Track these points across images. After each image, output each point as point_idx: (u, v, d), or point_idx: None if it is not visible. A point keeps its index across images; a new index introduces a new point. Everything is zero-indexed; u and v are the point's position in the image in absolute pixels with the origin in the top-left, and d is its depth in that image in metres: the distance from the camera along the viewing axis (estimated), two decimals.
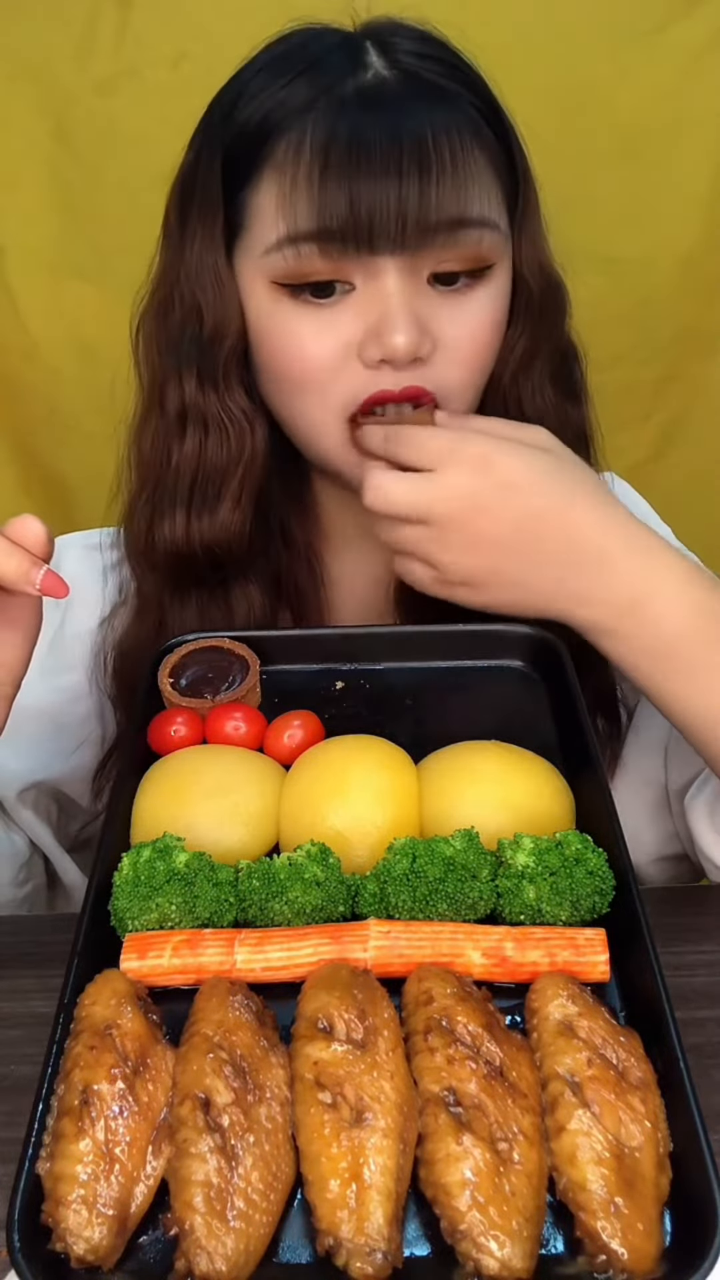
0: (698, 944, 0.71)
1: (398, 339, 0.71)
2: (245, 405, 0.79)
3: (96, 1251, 0.45)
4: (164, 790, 0.66)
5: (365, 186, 0.68)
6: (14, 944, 0.74)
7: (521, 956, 0.56)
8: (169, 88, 1.09)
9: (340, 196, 0.68)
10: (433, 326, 0.73)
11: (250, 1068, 0.50)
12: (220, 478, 0.80)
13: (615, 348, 1.22)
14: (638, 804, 0.90)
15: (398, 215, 0.68)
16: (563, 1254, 0.46)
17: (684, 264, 1.21)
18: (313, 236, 0.70)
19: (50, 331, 1.24)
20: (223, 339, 0.77)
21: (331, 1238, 0.44)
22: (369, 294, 0.72)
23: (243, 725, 0.71)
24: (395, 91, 0.70)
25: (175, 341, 0.79)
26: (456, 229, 0.70)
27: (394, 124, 0.68)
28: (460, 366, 0.75)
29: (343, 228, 0.69)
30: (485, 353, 0.77)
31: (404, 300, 0.71)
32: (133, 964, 0.56)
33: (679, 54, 1.11)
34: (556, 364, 0.83)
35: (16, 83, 1.12)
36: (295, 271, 0.72)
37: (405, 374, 0.73)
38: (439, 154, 0.68)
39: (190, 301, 0.77)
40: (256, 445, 0.80)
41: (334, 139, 0.68)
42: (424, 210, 0.69)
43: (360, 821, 0.63)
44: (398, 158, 0.68)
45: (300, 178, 0.69)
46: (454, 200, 0.69)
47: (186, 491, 0.81)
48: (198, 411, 0.79)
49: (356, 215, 0.68)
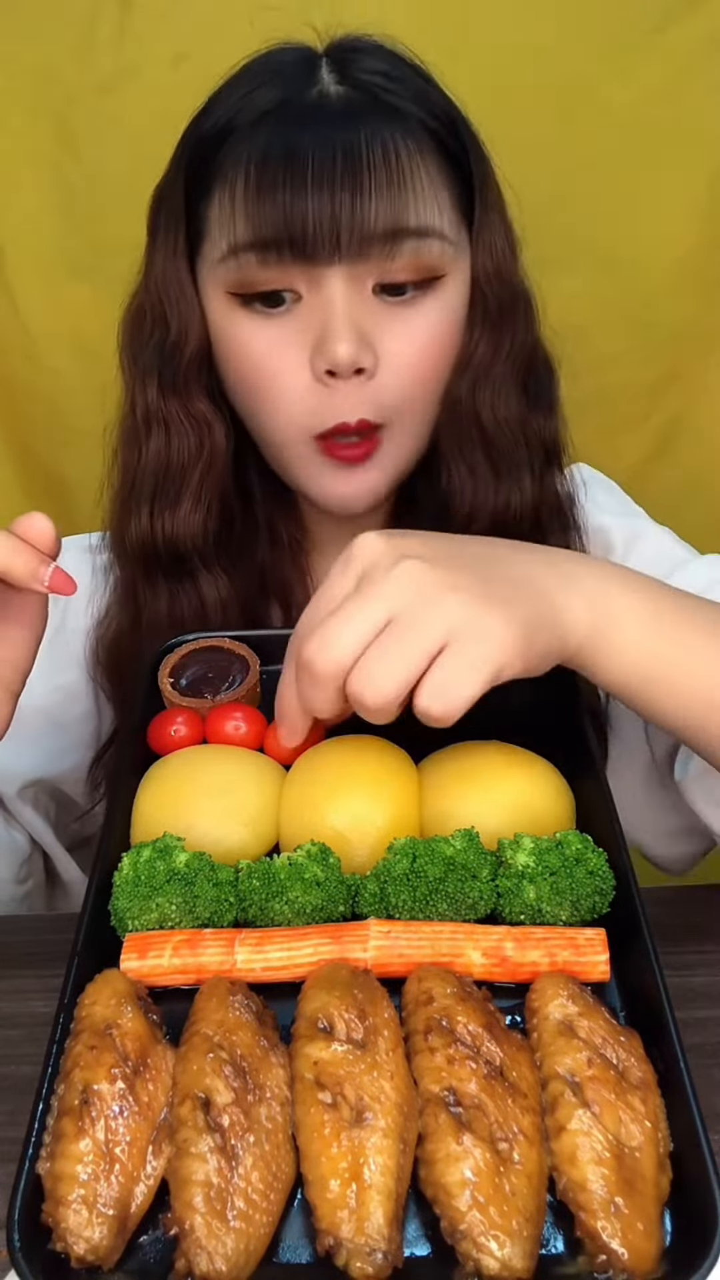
0: (698, 944, 0.71)
1: (339, 348, 0.72)
2: (206, 410, 0.81)
3: (97, 1251, 0.45)
4: (164, 790, 0.66)
5: (298, 197, 0.69)
6: (14, 944, 0.74)
7: (521, 956, 0.56)
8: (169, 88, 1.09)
9: (273, 208, 0.70)
10: (377, 338, 0.74)
11: (250, 1068, 0.50)
12: (181, 477, 0.82)
13: (615, 348, 1.22)
14: (628, 782, 0.89)
15: (331, 225, 0.70)
16: (563, 1254, 0.46)
17: (683, 264, 1.21)
18: (250, 246, 0.72)
19: (50, 331, 1.24)
20: (184, 346, 0.79)
21: (331, 1238, 0.44)
22: (313, 304, 0.73)
23: (243, 725, 0.71)
24: (338, 105, 0.72)
25: (143, 348, 0.81)
26: (395, 239, 0.71)
27: (329, 136, 0.70)
28: (406, 378, 0.76)
29: (276, 237, 0.71)
30: (433, 365, 0.77)
31: (345, 310, 0.72)
32: (133, 964, 0.56)
33: (679, 54, 1.11)
34: (522, 374, 0.83)
35: (16, 83, 1.12)
36: (241, 281, 0.74)
37: (354, 389, 0.74)
38: (374, 164, 0.70)
39: (158, 310, 0.79)
40: (215, 447, 0.82)
41: (270, 151, 0.70)
42: (358, 219, 0.70)
43: (360, 821, 0.63)
44: (331, 168, 0.69)
45: (238, 189, 0.71)
46: (390, 210, 0.70)
47: (150, 489, 0.83)
48: (160, 415, 0.82)
49: (290, 225, 0.70)
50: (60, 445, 1.30)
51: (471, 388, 0.80)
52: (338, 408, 0.75)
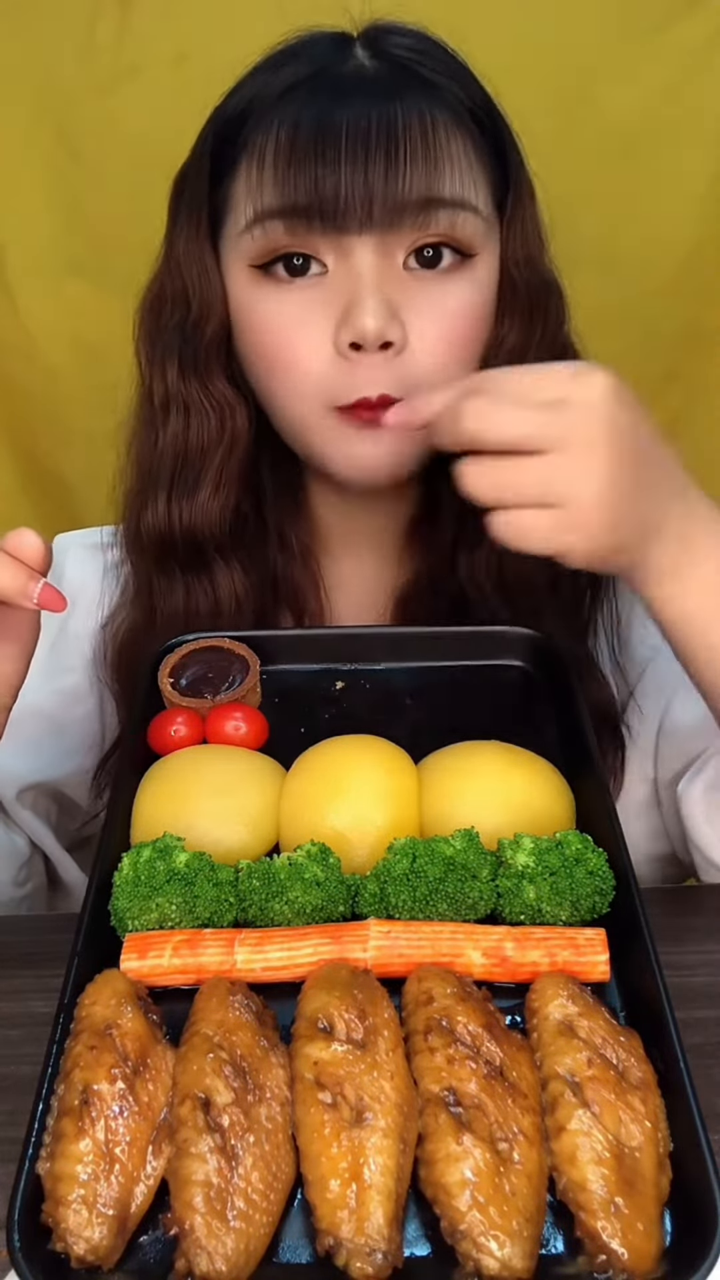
0: (698, 944, 0.71)
1: (367, 321, 0.70)
2: (227, 391, 0.80)
3: (96, 1251, 0.45)
4: (164, 790, 0.66)
5: (331, 165, 0.68)
6: (14, 944, 0.74)
7: (521, 956, 0.56)
8: (169, 88, 1.09)
9: (304, 175, 0.69)
10: (406, 313, 0.72)
11: (250, 1068, 0.50)
12: (200, 461, 0.81)
13: (616, 347, 1.21)
14: (629, 802, 0.89)
15: (364, 194, 0.68)
16: (563, 1254, 0.46)
17: (684, 263, 1.21)
18: (277, 213, 0.70)
19: (50, 331, 1.24)
20: (205, 325, 0.77)
21: (331, 1238, 0.44)
22: (341, 276, 0.72)
23: (243, 725, 0.71)
24: (371, 79, 0.71)
25: (163, 331, 0.80)
26: (428, 208, 0.70)
27: (364, 107, 0.69)
28: (435, 356, 0.74)
29: (307, 204, 0.69)
30: (462, 344, 0.75)
31: (374, 282, 0.71)
32: (133, 964, 0.56)
33: (679, 54, 1.11)
34: None
35: (17, 83, 1.12)
36: (264, 249, 0.72)
37: (379, 364, 0.72)
38: (409, 135, 0.69)
39: (179, 290, 0.78)
40: (237, 429, 0.80)
41: (302, 122, 0.69)
42: (391, 189, 0.68)
43: (360, 821, 0.63)
44: (365, 140, 0.68)
45: (268, 159, 0.70)
46: (424, 179, 0.69)
47: (169, 476, 0.81)
48: (180, 397, 0.80)
49: (322, 193, 0.68)
50: (60, 445, 1.30)
51: None
52: (360, 381, 0.72)
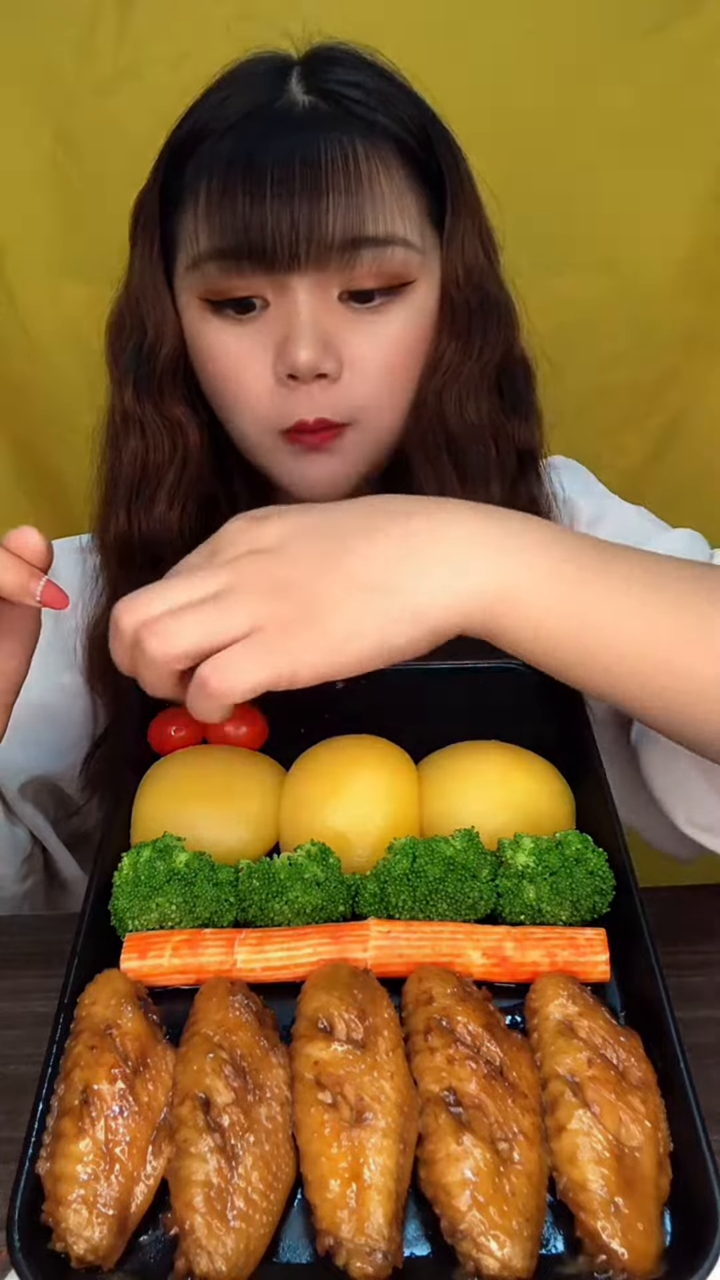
0: (698, 944, 0.71)
1: (300, 354, 0.72)
2: (180, 413, 0.82)
3: (97, 1251, 0.45)
4: (164, 790, 0.66)
5: (256, 206, 0.70)
6: (14, 944, 0.74)
7: (521, 956, 0.56)
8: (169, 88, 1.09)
9: (233, 217, 0.71)
10: (342, 344, 0.75)
11: (250, 1068, 0.50)
12: (156, 478, 0.83)
13: (615, 348, 1.22)
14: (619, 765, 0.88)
15: (290, 234, 0.70)
16: (563, 1254, 0.46)
17: (684, 264, 1.21)
18: (211, 256, 0.73)
19: (50, 331, 1.24)
20: (158, 350, 0.80)
21: (331, 1238, 0.44)
22: (280, 311, 0.74)
23: (243, 725, 0.71)
24: (301, 114, 0.73)
25: (122, 352, 0.83)
26: (354, 247, 0.72)
27: (289, 145, 0.71)
28: (371, 385, 0.76)
29: (236, 247, 0.71)
30: (400, 368, 0.78)
31: (308, 317, 0.73)
32: (133, 964, 0.56)
33: (679, 54, 1.11)
34: (495, 378, 0.83)
35: (17, 83, 1.12)
36: (209, 289, 0.75)
37: (316, 393, 0.75)
38: (334, 174, 0.70)
39: (135, 314, 0.81)
40: (189, 449, 0.83)
41: (233, 161, 0.71)
42: (318, 229, 0.70)
43: (360, 821, 0.63)
44: (289, 177, 0.70)
45: (202, 199, 0.73)
46: (348, 218, 0.71)
47: (128, 491, 0.84)
48: (135, 418, 0.83)
49: (249, 235, 0.71)
50: (60, 445, 1.30)
51: (439, 391, 0.80)
52: (299, 407, 0.76)
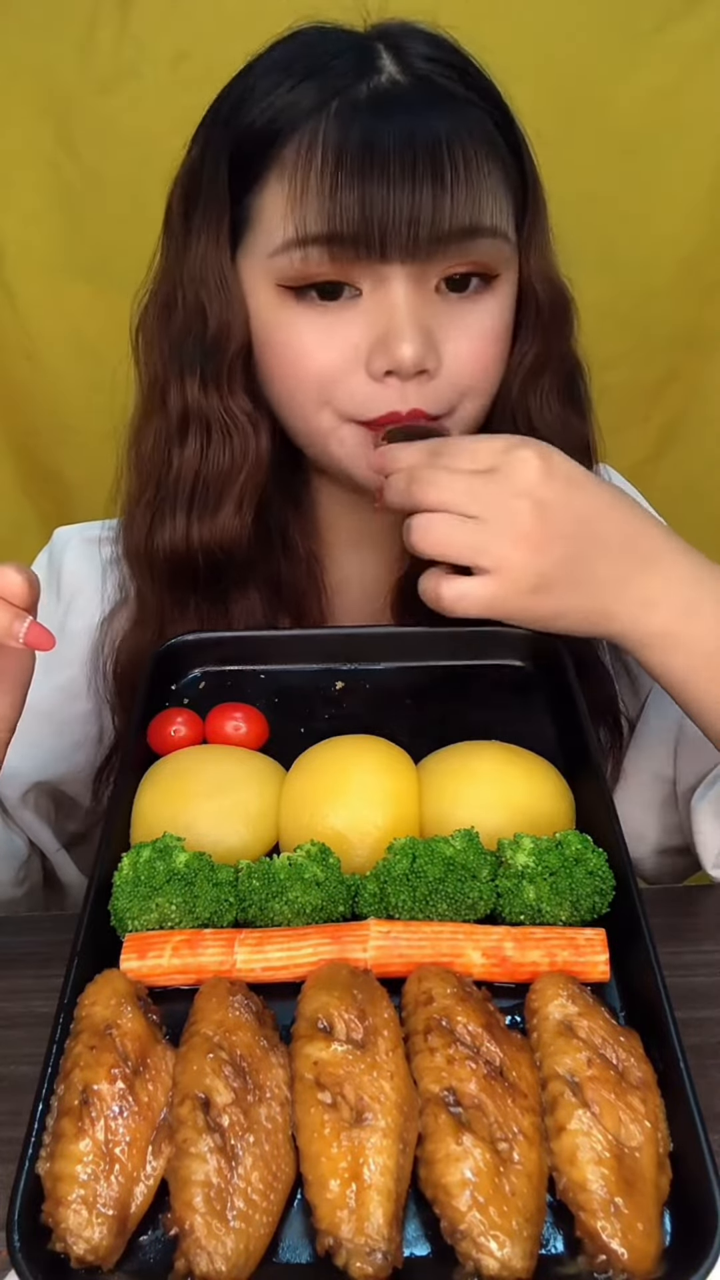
0: (698, 944, 0.71)
1: (405, 350, 0.70)
2: (249, 409, 0.78)
3: (96, 1251, 0.45)
4: (164, 790, 0.66)
5: (379, 192, 0.67)
6: (14, 944, 0.74)
7: (521, 956, 0.56)
8: (169, 88, 1.09)
9: (353, 201, 0.68)
10: (439, 338, 0.73)
11: (250, 1068, 0.50)
12: (222, 482, 0.79)
13: (615, 348, 1.22)
14: (645, 798, 0.89)
15: (410, 223, 0.68)
16: (563, 1254, 0.46)
17: (684, 264, 1.21)
18: (322, 240, 0.69)
19: (50, 331, 1.24)
20: (227, 341, 0.76)
21: (331, 1238, 0.44)
22: (376, 301, 0.72)
23: (243, 725, 0.71)
24: (409, 96, 0.70)
25: (177, 343, 0.78)
26: (469, 238, 0.70)
27: (409, 130, 0.68)
28: (465, 379, 0.75)
29: (354, 232, 0.68)
30: (490, 365, 0.77)
31: (412, 310, 0.71)
32: (133, 964, 0.56)
33: (679, 54, 1.11)
34: (563, 377, 0.83)
35: (17, 83, 1.12)
36: (301, 274, 0.72)
37: (411, 387, 0.73)
38: (454, 162, 0.68)
39: (194, 303, 0.76)
40: (261, 449, 0.79)
41: (347, 142, 0.68)
42: (438, 219, 0.68)
43: (360, 821, 0.63)
44: (412, 164, 0.67)
45: (312, 181, 0.69)
46: (468, 209, 0.69)
47: (188, 495, 0.80)
48: (200, 415, 0.78)
49: (368, 221, 0.68)
50: (60, 445, 1.30)
51: (522, 390, 0.80)
52: (391, 401, 0.73)
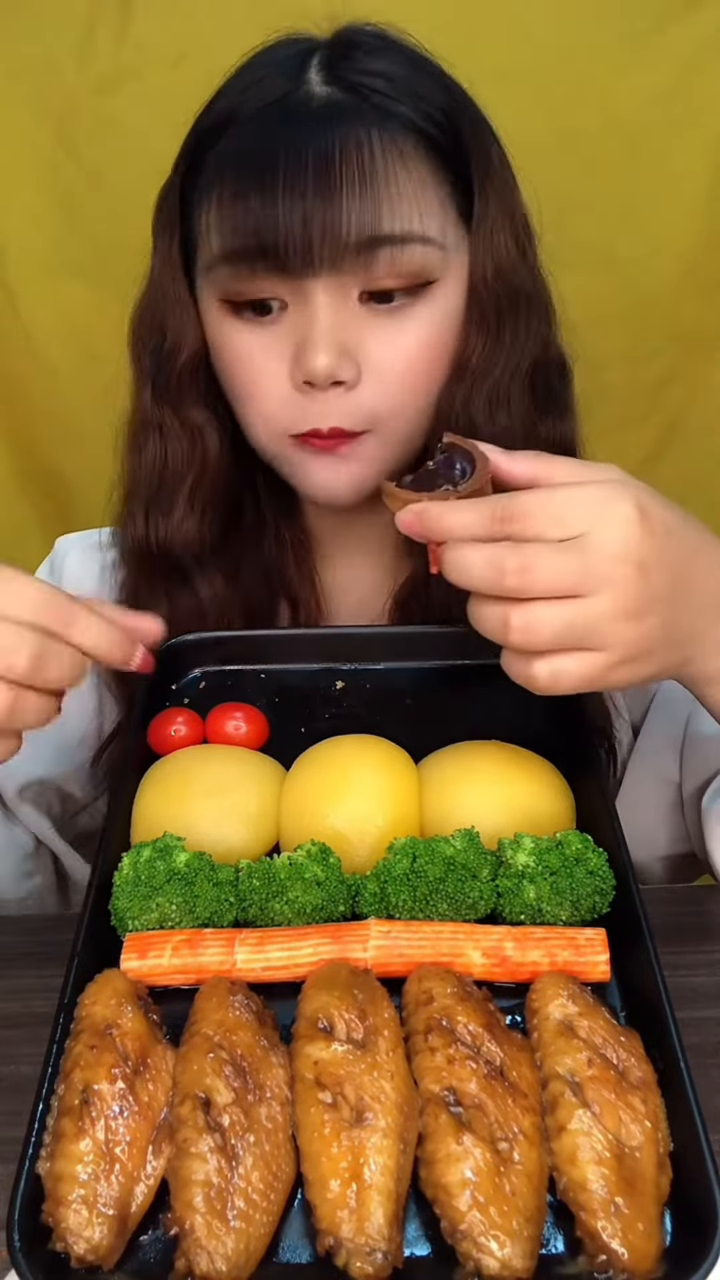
0: (698, 944, 0.71)
1: (317, 361, 0.71)
2: (200, 417, 0.81)
3: (97, 1251, 0.45)
4: (164, 790, 0.66)
5: (268, 205, 0.68)
6: (14, 944, 0.73)
7: (521, 956, 0.56)
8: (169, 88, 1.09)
9: (245, 217, 0.69)
10: (361, 349, 0.73)
11: (250, 1068, 0.50)
12: (175, 483, 0.82)
13: (615, 348, 1.22)
14: (650, 802, 0.89)
15: (303, 235, 0.68)
16: (563, 1254, 0.46)
17: (684, 264, 1.21)
18: (225, 258, 0.71)
19: (50, 331, 1.24)
20: (177, 354, 0.78)
21: (332, 1237, 0.44)
22: (297, 314, 0.72)
23: (243, 725, 0.71)
24: (317, 107, 0.70)
25: (143, 352, 0.81)
26: (370, 247, 0.69)
27: (302, 140, 0.68)
28: (391, 389, 0.74)
29: (248, 248, 0.69)
30: (422, 373, 0.76)
31: (326, 322, 0.71)
32: (133, 964, 0.56)
33: (679, 54, 1.11)
34: (528, 376, 0.80)
35: (16, 83, 1.12)
36: (224, 290, 0.73)
37: (332, 399, 0.73)
38: (347, 170, 0.68)
39: (157, 315, 0.79)
40: (208, 454, 0.81)
41: (243, 157, 0.69)
42: (330, 229, 0.68)
43: (360, 821, 0.63)
44: (301, 175, 0.67)
45: (215, 198, 0.71)
46: (363, 217, 0.68)
47: (146, 495, 0.83)
48: (155, 421, 0.81)
49: (261, 236, 0.68)
50: (60, 445, 1.30)
51: (467, 395, 0.78)
52: (314, 415, 0.74)
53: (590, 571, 0.54)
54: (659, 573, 0.56)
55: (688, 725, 0.87)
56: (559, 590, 0.55)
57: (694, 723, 0.87)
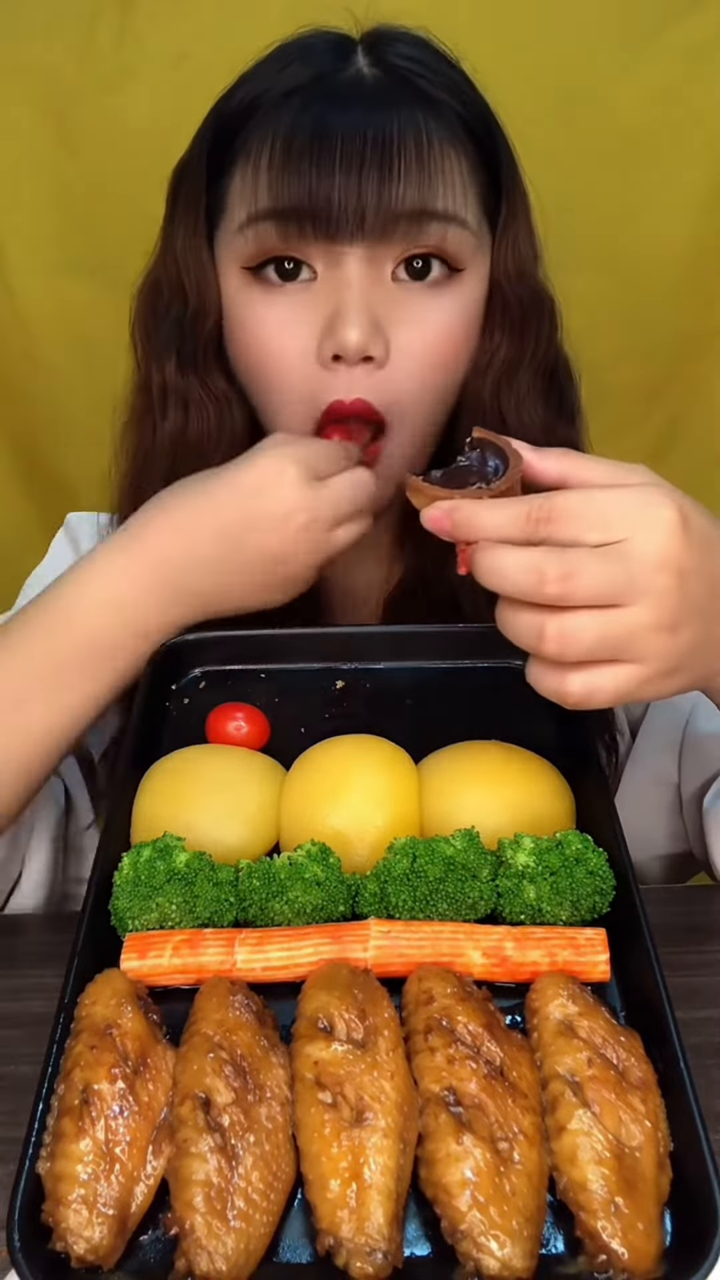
0: (698, 944, 0.71)
1: (350, 333, 0.70)
2: (224, 387, 0.80)
3: (97, 1251, 0.45)
4: (164, 790, 0.66)
5: (324, 174, 0.68)
6: (14, 944, 0.74)
7: (521, 956, 0.56)
8: (169, 88, 1.09)
9: (299, 179, 0.69)
10: (391, 326, 0.73)
11: (250, 1067, 0.50)
12: (199, 456, 0.80)
13: (615, 348, 1.22)
14: (648, 802, 0.89)
15: (357, 202, 0.69)
16: (563, 1254, 0.46)
17: (684, 264, 1.21)
18: (270, 215, 0.71)
19: (50, 331, 1.24)
20: (203, 321, 0.78)
21: (332, 1237, 0.44)
22: (328, 283, 0.72)
23: (243, 725, 0.71)
24: (370, 88, 0.71)
25: (160, 323, 0.80)
26: (420, 220, 0.70)
27: (361, 118, 0.69)
28: (416, 370, 0.74)
29: (301, 208, 0.69)
30: (444, 360, 0.76)
31: (360, 293, 0.71)
32: (133, 964, 0.56)
33: (679, 54, 1.11)
34: (544, 380, 0.82)
35: (17, 83, 1.12)
36: (256, 251, 0.73)
37: (359, 375, 0.73)
38: (403, 149, 0.69)
39: (176, 283, 0.78)
40: (236, 425, 0.80)
41: (298, 127, 0.70)
42: (385, 199, 0.69)
43: (360, 821, 0.63)
44: (360, 150, 0.68)
45: (263, 162, 0.71)
46: (417, 193, 0.70)
47: (166, 470, 0.81)
48: (178, 391, 0.80)
49: (315, 198, 0.69)
50: (60, 445, 1.30)
51: (495, 390, 0.79)
52: (337, 388, 0.73)
53: (633, 580, 0.52)
54: (697, 582, 0.54)
55: (686, 726, 0.87)
56: (601, 599, 0.52)
57: (693, 723, 0.87)
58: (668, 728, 0.89)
